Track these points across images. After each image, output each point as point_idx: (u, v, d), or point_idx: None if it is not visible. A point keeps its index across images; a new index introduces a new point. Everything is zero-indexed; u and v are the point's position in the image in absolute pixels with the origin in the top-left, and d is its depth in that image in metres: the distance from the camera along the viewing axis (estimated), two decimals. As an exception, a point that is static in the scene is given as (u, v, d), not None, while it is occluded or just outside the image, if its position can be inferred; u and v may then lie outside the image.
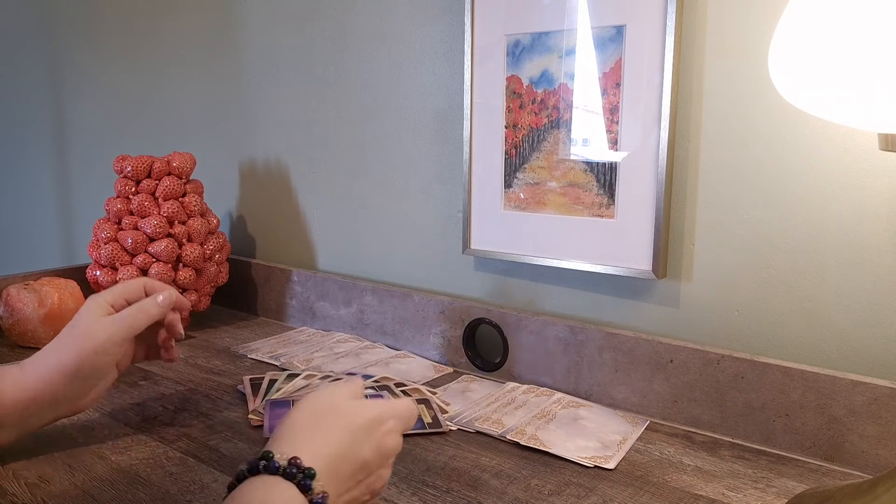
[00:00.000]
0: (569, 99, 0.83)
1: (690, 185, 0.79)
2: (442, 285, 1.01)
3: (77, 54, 1.61)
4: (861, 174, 0.69)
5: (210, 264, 1.09)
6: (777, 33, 0.55)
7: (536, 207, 0.88)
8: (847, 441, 0.68)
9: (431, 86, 0.99)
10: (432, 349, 0.97)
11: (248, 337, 1.08)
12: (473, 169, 0.92)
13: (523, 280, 0.93)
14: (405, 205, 1.04)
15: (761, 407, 0.72)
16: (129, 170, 1.06)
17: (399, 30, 1.01)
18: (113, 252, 1.03)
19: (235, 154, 1.28)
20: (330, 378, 0.86)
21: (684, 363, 0.76)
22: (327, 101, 1.12)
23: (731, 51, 0.74)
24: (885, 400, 0.65)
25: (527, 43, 0.86)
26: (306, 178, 1.17)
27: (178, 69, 1.37)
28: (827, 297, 0.72)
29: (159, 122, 1.43)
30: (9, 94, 1.88)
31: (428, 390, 0.84)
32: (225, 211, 1.31)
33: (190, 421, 0.77)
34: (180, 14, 1.34)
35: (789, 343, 0.75)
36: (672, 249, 0.80)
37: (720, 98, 0.76)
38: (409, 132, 1.02)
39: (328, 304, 1.10)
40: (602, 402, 0.82)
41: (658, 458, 0.70)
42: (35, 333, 0.99)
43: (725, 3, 0.74)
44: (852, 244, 0.70)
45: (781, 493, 0.63)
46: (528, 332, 0.88)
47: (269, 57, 1.19)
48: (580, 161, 0.84)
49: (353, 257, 1.12)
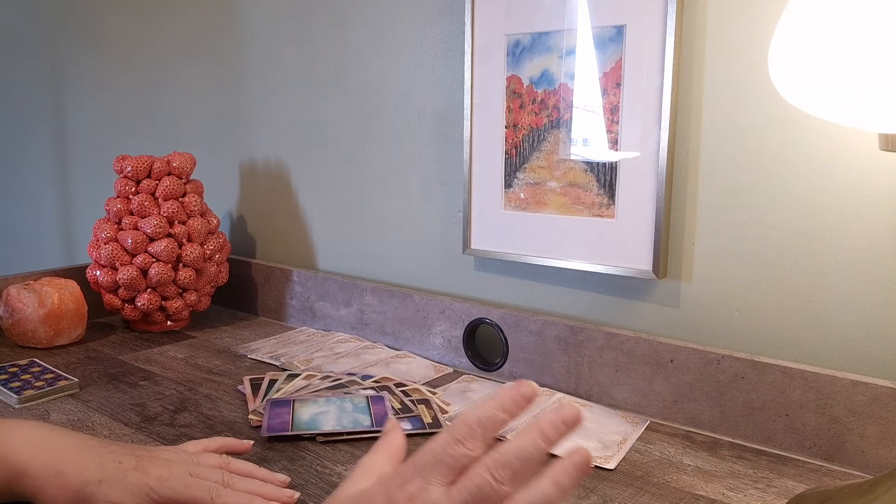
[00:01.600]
0: (569, 99, 0.83)
1: (690, 185, 0.79)
2: (442, 285, 1.01)
3: (78, 55, 1.61)
4: (861, 174, 0.69)
5: (210, 264, 1.09)
6: (777, 33, 0.55)
7: (537, 207, 0.88)
8: (847, 441, 0.68)
9: (431, 86, 0.99)
10: (432, 349, 0.97)
11: (249, 337, 1.08)
12: (473, 169, 0.92)
13: (523, 280, 0.93)
14: (405, 205, 1.04)
15: (761, 407, 0.72)
16: (129, 170, 1.06)
17: (399, 30, 1.01)
18: (113, 252, 1.03)
19: (235, 154, 1.28)
20: (330, 378, 0.86)
21: (684, 363, 0.76)
22: (327, 102, 1.12)
23: (731, 51, 0.74)
24: (885, 400, 0.65)
25: (527, 43, 0.86)
26: (306, 177, 1.17)
27: (178, 69, 1.37)
28: (827, 297, 0.72)
29: (159, 122, 1.43)
30: (10, 94, 1.88)
31: (428, 390, 0.84)
32: (225, 211, 1.31)
33: (190, 421, 0.77)
34: (181, 14, 1.34)
35: (789, 343, 0.75)
36: (672, 249, 0.80)
37: (720, 98, 0.76)
38: (409, 132, 1.02)
39: (328, 304, 1.10)
40: (602, 402, 0.82)
41: (658, 459, 0.70)
42: (35, 333, 0.99)
43: (725, 3, 0.74)
44: (852, 244, 0.70)
45: (781, 494, 0.63)
46: (528, 332, 0.88)
47: (269, 57, 1.19)
48: (580, 161, 0.84)
49: (354, 257, 1.12)
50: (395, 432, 0.50)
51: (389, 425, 0.51)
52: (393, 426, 0.51)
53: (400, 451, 0.49)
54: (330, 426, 0.73)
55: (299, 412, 0.76)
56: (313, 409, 0.77)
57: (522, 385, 0.42)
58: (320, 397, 0.80)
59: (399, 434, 0.50)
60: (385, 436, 0.50)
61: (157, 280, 1.03)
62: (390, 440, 0.49)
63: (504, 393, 0.42)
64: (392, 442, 0.49)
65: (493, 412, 0.41)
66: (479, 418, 0.41)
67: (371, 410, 0.77)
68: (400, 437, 0.49)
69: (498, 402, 0.42)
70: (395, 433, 0.50)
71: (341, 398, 0.80)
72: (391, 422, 0.52)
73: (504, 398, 0.42)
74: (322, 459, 0.68)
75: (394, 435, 0.49)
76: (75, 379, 0.85)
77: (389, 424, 0.51)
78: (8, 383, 0.84)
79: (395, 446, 0.49)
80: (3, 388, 0.82)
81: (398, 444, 0.49)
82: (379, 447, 0.49)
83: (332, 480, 0.64)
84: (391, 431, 0.50)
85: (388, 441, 0.49)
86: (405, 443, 0.49)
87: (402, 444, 0.49)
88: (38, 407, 0.80)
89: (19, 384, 0.83)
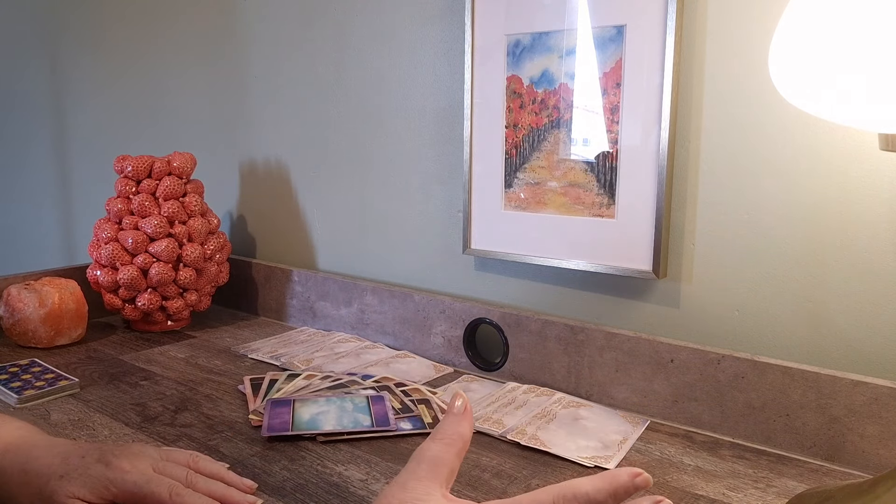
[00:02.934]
0: (569, 99, 0.83)
1: (690, 185, 0.79)
2: (442, 285, 1.01)
3: (79, 55, 1.61)
4: (861, 174, 0.69)
5: (210, 264, 1.09)
6: (777, 33, 0.55)
7: (537, 207, 0.88)
8: (847, 441, 0.68)
9: (431, 86, 0.99)
10: (432, 349, 0.97)
11: (249, 337, 1.08)
12: (473, 169, 0.93)
13: (523, 280, 0.93)
14: (405, 205, 1.04)
15: (762, 407, 0.72)
16: (129, 170, 1.06)
17: (399, 30, 1.01)
18: (113, 252, 1.03)
19: (235, 154, 1.28)
20: (330, 378, 0.86)
21: (684, 363, 0.76)
22: (327, 102, 1.12)
23: (731, 51, 0.74)
24: (885, 400, 0.65)
25: (527, 43, 0.86)
26: (306, 177, 1.17)
27: (178, 69, 1.37)
28: (827, 297, 0.72)
29: (160, 122, 1.43)
30: (11, 94, 1.88)
31: (428, 390, 0.84)
32: (225, 211, 1.31)
33: (190, 421, 0.77)
34: (181, 14, 1.34)
35: (789, 343, 0.75)
36: (672, 249, 0.80)
37: (720, 98, 0.76)
38: (410, 132, 1.02)
39: (329, 303, 1.10)
40: (602, 402, 0.82)
41: (658, 458, 0.70)
42: (35, 333, 0.99)
43: (725, 3, 0.74)
44: (852, 244, 0.70)
45: (782, 493, 0.63)
46: (528, 332, 0.88)
47: (269, 57, 1.19)
48: (580, 161, 0.84)
49: (354, 257, 1.12)
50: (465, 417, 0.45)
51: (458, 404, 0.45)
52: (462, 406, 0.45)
53: (467, 443, 0.44)
54: (330, 426, 0.73)
55: (300, 412, 0.76)
56: (314, 409, 0.77)
57: (639, 476, 0.40)
58: (321, 397, 0.80)
59: (468, 420, 0.45)
60: (452, 421, 0.44)
61: (157, 280, 1.03)
62: (459, 428, 0.44)
63: (620, 480, 0.39)
64: (460, 431, 0.44)
65: (604, 498, 0.39)
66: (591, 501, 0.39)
67: (371, 410, 0.77)
68: (469, 425, 0.45)
69: (611, 489, 0.39)
70: (465, 418, 0.45)
71: (342, 398, 0.80)
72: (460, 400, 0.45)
73: (620, 487, 0.39)
74: (322, 459, 0.68)
75: (463, 422, 0.45)
76: (76, 379, 0.85)
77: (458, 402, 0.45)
78: (8, 383, 0.84)
79: (462, 437, 0.44)
80: (3, 388, 0.82)
81: (466, 433, 0.44)
82: (446, 436, 0.44)
83: (332, 480, 0.64)
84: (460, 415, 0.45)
85: (457, 429, 0.44)
86: (472, 431, 0.45)
87: (469, 434, 0.45)
88: (38, 407, 0.80)
89: (20, 384, 0.84)
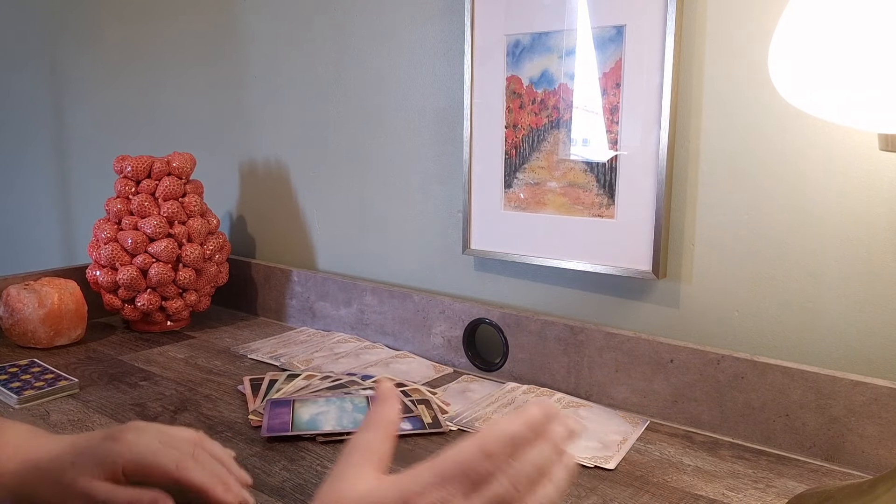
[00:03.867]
0: (569, 99, 0.83)
1: (690, 185, 0.79)
2: (442, 285, 1.01)
3: (78, 55, 1.61)
4: (861, 174, 0.69)
5: (210, 264, 1.09)
6: (777, 34, 0.55)
7: (536, 207, 0.88)
8: (847, 441, 0.68)
9: (431, 86, 0.99)
10: (432, 349, 0.97)
11: (248, 337, 1.08)
12: (473, 169, 0.92)
13: (523, 280, 0.93)
14: (405, 205, 1.04)
15: (761, 407, 0.72)
16: (129, 170, 1.06)
17: (399, 30, 1.01)
18: (113, 252, 1.03)
19: (235, 154, 1.28)
20: (330, 378, 0.86)
21: (684, 363, 0.76)
22: (327, 102, 1.12)
23: (731, 51, 0.74)
24: (885, 400, 0.65)
25: (527, 43, 0.86)
26: (306, 178, 1.17)
27: (178, 69, 1.37)
28: (827, 298, 0.72)
29: (159, 122, 1.43)
30: (11, 94, 1.88)
31: (428, 390, 0.84)
32: (225, 211, 1.31)
33: (190, 421, 0.77)
34: (181, 14, 1.34)
35: (789, 343, 0.75)
36: (672, 249, 0.80)
37: (720, 98, 0.76)
38: (409, 132, 1.02)
39: (328, 304, 1.10)
40: (602, 402, 0.82)
41: (658, 459, 0.70)
42: (35, 333, 0.99)
43: (725, 3, 0.74)
44: (852, 244, 0.70)
45: (781, 493, 0.63)
46: (528, 332, 0.88)
47: (269, 57, 1.19)
48: (580, 161, 0.84)
49: (354, 257, 1.12)
50: (390, 403, 0.45)
51: (383, 390, 0.46)
52: (387, 391, 0.46)
53: (395, 426, 0.45)
54: (330, 426, 0.73)
55: (299, 412, 0.76)
56: (313, 410, 0.77)
57: (548, 406, 0.42)
58: (320, 397, 0.80)
59: (394, 405, 0.45)
60: (379, 408, 0.45)
61: (157, 280, 1.03)
62: (386, 414, 0.45)
63: (533, 412, 0.41)
64: (387, 416, 0.45)
65: (524, 431, 0.40)
66: (512, 435, 0.40)
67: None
68: (394, 410, 0.45)
69: (527, 421, 0.41)
70: (390, 404, 0.45)
71: (341, 398, 0.80)
72: (384, 386, 0.46)
73: (534, 418, 0.41)
74: (322, 459, 0.68)
75: (388, 407, 0.45)
76: (75, 379, 0.85)
77: (382, 388, 0.46)
78: (8, 383, 0.84)
79: (390, 421, 0.45)
80: (3, 388, 0.82)
81: (393, 417, 0.45)
82: (373, 423, 0.44)
83: (332, 480, 0.64)
84: (385, 401, 0.46)
85: (383, 415, 0.45)
86: (400, 413, 0.46)
87: (397, 418, 0.45)
88: (38, 407, 0.80)
89: (19, 384, 0.84)
